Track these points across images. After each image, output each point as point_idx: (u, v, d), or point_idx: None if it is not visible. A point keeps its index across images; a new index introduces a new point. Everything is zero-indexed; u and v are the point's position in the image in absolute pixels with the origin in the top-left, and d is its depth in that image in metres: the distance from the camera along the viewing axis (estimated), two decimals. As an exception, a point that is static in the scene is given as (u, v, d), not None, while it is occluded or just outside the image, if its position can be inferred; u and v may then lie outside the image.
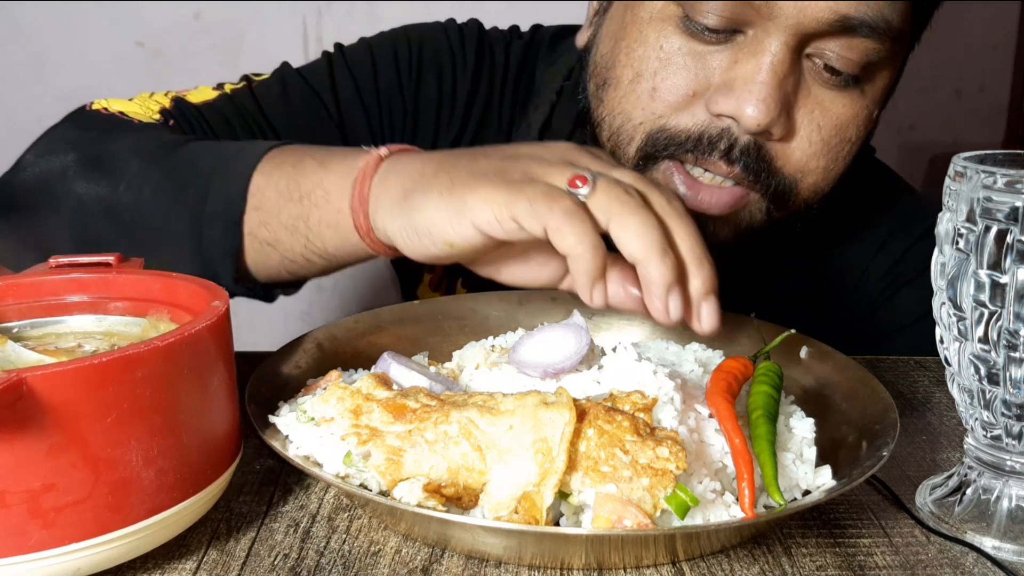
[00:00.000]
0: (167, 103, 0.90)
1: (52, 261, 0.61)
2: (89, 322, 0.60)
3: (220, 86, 0.95)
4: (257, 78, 0.97)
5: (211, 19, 1.88)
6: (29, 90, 1.91)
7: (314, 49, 1.87)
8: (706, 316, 0.63)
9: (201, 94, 0.93)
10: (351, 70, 0.96)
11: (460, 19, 1.02)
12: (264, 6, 1.87)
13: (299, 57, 1.03)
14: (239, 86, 0.95)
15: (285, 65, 0.99)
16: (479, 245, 0.64)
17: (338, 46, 1.00)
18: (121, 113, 0.86)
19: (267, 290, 0.81)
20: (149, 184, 0.76)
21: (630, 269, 0.64)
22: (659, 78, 0.77)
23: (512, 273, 0.70)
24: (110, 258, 0.61)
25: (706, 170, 0.77)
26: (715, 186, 0.77)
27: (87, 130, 0.83)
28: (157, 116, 0.88)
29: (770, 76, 0.73)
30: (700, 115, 0.76)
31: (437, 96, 0.97)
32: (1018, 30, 2.14)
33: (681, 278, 0.62)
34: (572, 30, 1.00)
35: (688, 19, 0.75)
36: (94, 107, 0.87)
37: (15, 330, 0.59)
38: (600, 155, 0.68)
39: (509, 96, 0.98)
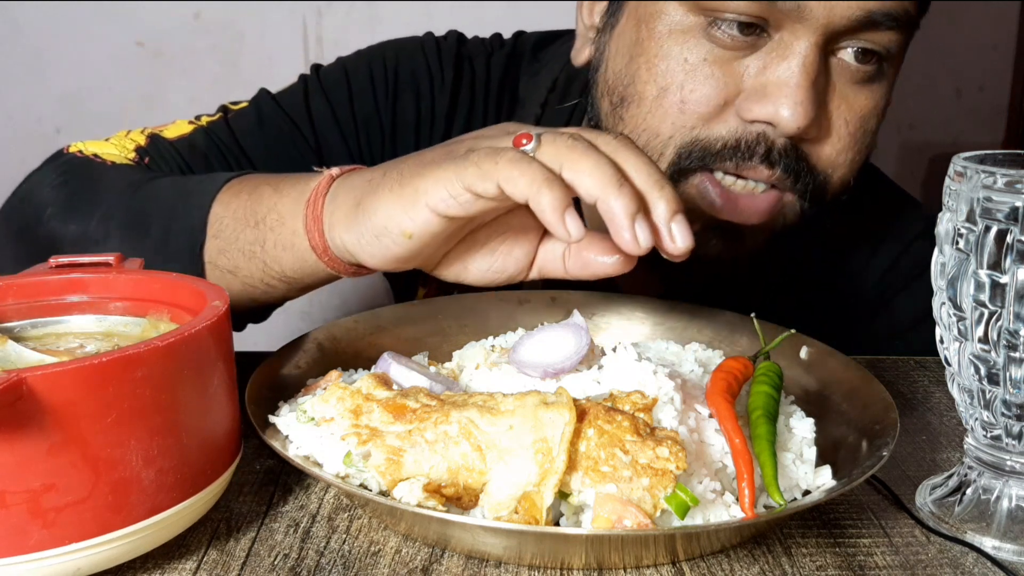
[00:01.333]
0: (142, 141, 0.92)
1: (52, 261, 0.61)
2: (89, 322, 0.60)
3: (197, 118, 0.96)
4: (234, 107, 0.98)
5: (211, 19, 1.88)
6: (29, 90, 1.92)
7: (314, 49, 1.87)
8: (678, 235, 0.61)
9: (177, 128, 0.94)
10: (327, 94, 0.96)
11: (460, 20, 1.02)
12: (264, 6, 1.87)
13: (299, 57, 1.04)
14: (215, 118, 0.96)
15: (261, 92, 1.00)
16: (438, 230, 0.63)
17: (314, 68, 1.01)
18: (96, 155, 0.88)
19: (235, 320, 0.81)
20: (116, 222, 0.78)
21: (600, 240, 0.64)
22: (687, 90, 0.76)
23: (479, 269, 0.69)
24: (110, 258, 0.61)
25: (743, 177, 0.77)
26: (749, 194, 0.77)
27: (62, 174, 0.86)
28: (132, 155, 0.90)
29: (803, 78, 0.73)
30: (732, 122, 0.76)
31: (415, 115, 0.97)
32: (1018, 30, 2.14)
33: (645, 209, 0.61)
34: (554, 36, 1.00)
35: (713, 25, 0.74)
36: (71, 150, 0.90)
37: (15, 330, 0.59)
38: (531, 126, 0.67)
39: (492, 109, 0.98)
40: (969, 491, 0.58)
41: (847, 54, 0.75)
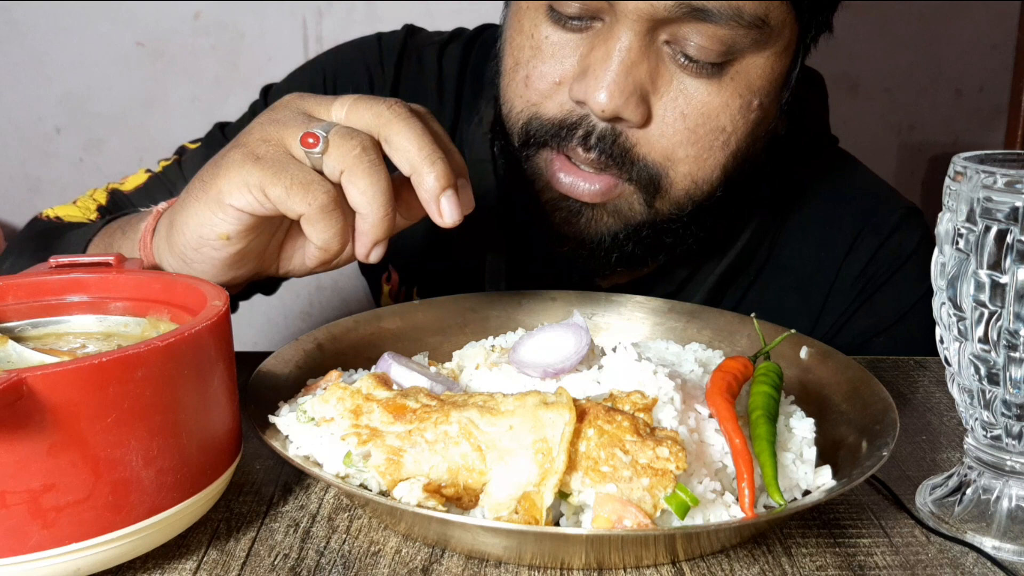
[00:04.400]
0: (103, 199, 0.95)
1: (52, 261, 0.61)
2: (89, 322, 0.60)
3: (155, 165, 0.99)
4: (192, 146, 1.00)
5: (211, 19, 1.88)
6: (29, 90, 1.92)
7: (314, 49, 1.87)
8: (446, 208, 0.64)
9: (135, 179, 0.98)
10: None
11: (460, 19, 1.02)
12: (264, 6, 1.87)
13: (299, 57, 1.04)
14: (170, 161, 0.99)
15: (214, 127, 1.02)
16: (251, 225, 0.65)
17: (264, 90, 1.03)
18: (58, 218, 0.93)
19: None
20: (16, 268, 0.83)
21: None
22: (531, 66, 0.79)
23: (308, 259, 0.70)
24: (110, 258, 0.61)
25: (568, 157, 0.79)
26: (589, 173, 0.79)
27: (26, 239, 0.92)
28: (95, 215, 0.94)
29: (616, 62, 0.74)
30: (565, 103, 0.78)
31: None
32: (1018, 30, 2.14)
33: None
34: None
35: (552, 9, 0.77)
36: (43, 215, 0.95)
37: (15, 330, 0.59)
38: (324, 98, 0.68)
39: (451, 97, 0.99)
40: (969, 491, 0.58)
41: (682, 44, 0.74)
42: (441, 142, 0.65)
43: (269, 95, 1.01)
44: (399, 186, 0.66)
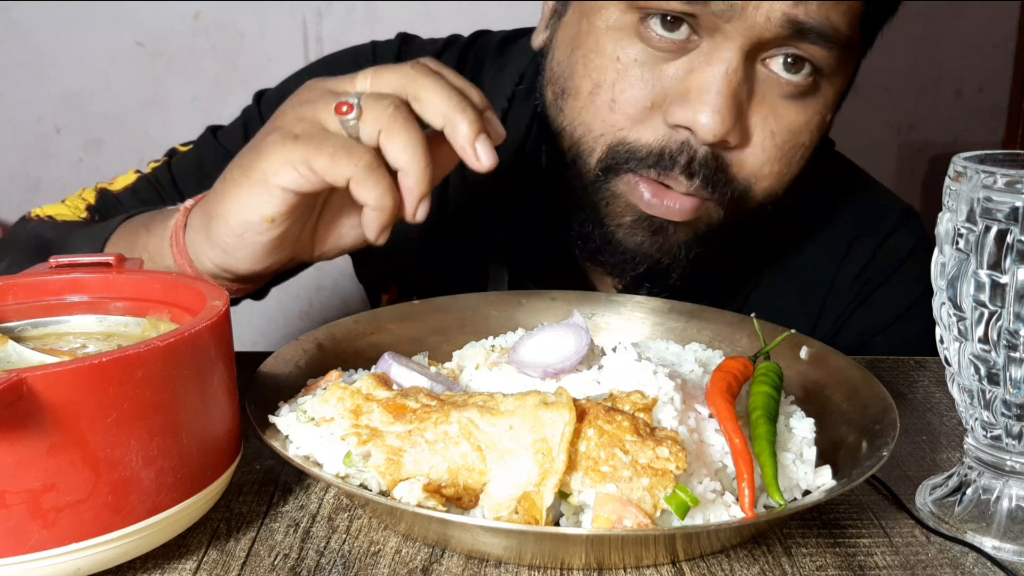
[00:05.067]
0: (92, 199, 0.95)
1: (52, 261, 0.61)
2: (89, 322, 0.60)
3: (145, 166, 0.99)
4: (183, 149, 1.00)
5: (211, 19, 1.88)
6: (29, 90, 1.92)
7: (314, 49, 1.87)
8: (482, 153, 0.66)
9: (124, 180, 0.97)
10: (264, 122, 0.97)
11: (461, 19, 1.02)
12: (264, 6, 1.87)
13: (299, 57, 1.04)
14: (160, 162, 0.99)
15: (206, 130, 1.02)
16: (295, 205, 0.66)
17: (257, 96, 1.03)
18: (49, 217, 0.93)
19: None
20: (9, 260, 0.83)
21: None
22: (617, 89, 0.77)
23: (352, 227, 0.73)
24: (110, 258, 0.61)
25: (665, 186, 0.78)
26: (679, 195, 0.78)
27: (12, 238, 0.92)
28: (84, 214, 0.94)
29: (724, 85, 0.73)
30: (659, 128, 0.77)
31: None
32: (1018, 30, 2.14)
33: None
34: (521, 33, 1.00)
35: (643, 23, 0.75)
36: (32, 215, 0.94)
37: (16, 330, 0.59)
38: (345, 76, 0.70)
39: None
40: (969, 491, 0.58)
41: (776, 64, 0.75)
42: (462, 83, 0.67)
43: (262, 101, 1.01)
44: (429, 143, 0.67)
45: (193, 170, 0.96)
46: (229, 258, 0.68)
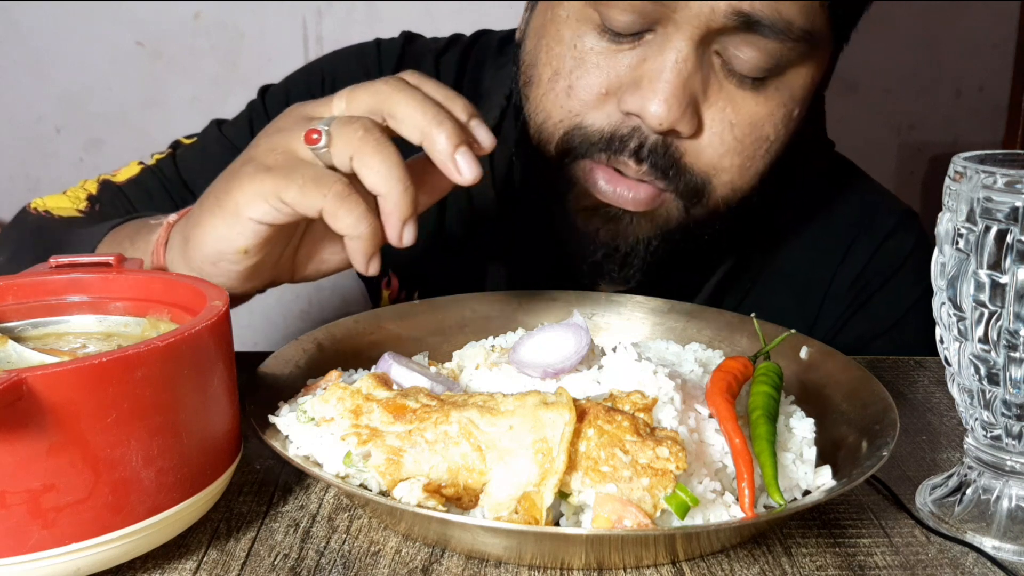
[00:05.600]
0: (94, 189, 0.95)
1: (52, 261, 0.61)
2: (89, 322, 0.60)
3: (149, 157, 0.98)
4: (187, 141, 0.99)
5: (211, 19, 1.88)
6: (29, 90, 1.92)
7: (314, 49, 1.87)
8: (463, 165, 0.64)
9: (128, 171, 0.97)
10: (269, 116, 0.96)
11: (461, 19, 1.02)
12: (264, 6, 1.87)
13: (299, 57, 1.04)
14: (165, 154, 0.98)
15: (211, 123, 1.01)
16: (269, 237, 0.65)
17: (261, 91, 1.02)
18: (47, 211, 0.92)
19: None
20: (15, 267, 0.81)
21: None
22: (574, 76, 0.78)
23: (334, 253, 0.71)
24: (110, 258, 0.61)
25: (618, 170, 0.78)
26: (633, 181, 0.78)
27: (13, 232, 0.92)
28: (84, 205, 0.93)
29: (674, 74, 0.73)
30: (613, 114, 0.77)
31: None
32: (1018, 30, 2.14)
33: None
34: None
35: (600, 18, 0.75)
36: (31, 207, 0.94)
37: (16, 330, 0.59)
38: (323, 99, 0.68)
39: None
40: (969, 491, 0.58)
41: (732, 55, 0.74)
42: (443, 94, 0.65)
43: (267, 96, 1.01)
44: (415, 169, 0.66)
45: (198, 163, 0.96)
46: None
